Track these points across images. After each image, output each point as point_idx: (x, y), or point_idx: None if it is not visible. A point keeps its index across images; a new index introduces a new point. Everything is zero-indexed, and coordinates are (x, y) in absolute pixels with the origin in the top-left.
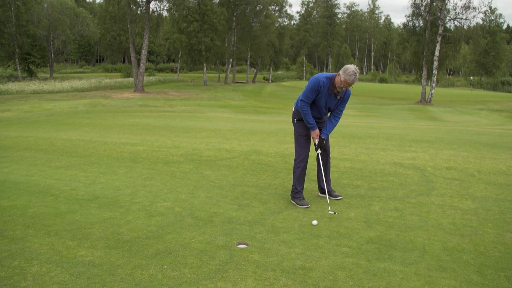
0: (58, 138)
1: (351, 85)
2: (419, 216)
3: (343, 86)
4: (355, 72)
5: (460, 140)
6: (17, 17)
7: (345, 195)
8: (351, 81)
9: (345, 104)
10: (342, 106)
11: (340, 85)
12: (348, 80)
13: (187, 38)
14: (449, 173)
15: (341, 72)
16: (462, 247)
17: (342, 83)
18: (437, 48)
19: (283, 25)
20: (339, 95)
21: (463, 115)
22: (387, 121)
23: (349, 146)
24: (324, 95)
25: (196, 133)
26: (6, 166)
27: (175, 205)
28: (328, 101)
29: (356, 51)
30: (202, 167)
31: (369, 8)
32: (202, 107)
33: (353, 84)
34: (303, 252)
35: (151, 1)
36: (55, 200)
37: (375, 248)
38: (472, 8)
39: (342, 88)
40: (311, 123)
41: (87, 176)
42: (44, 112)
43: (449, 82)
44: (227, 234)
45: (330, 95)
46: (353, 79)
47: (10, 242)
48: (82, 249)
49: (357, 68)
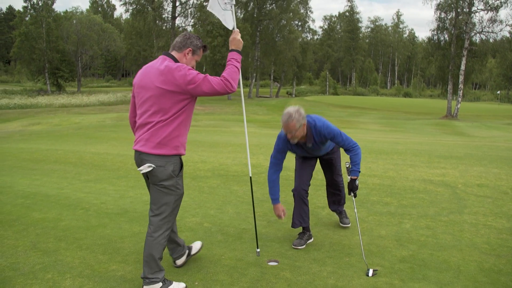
0: (87, 151)
1: (289, 128)
2: (452, 235)
3: (288, 133)
4: (289, 112)
5: (490, 156)
6: (48, 33)
7: (374, 213)
8: (283, 123)
9: (341, 139)
10: (341, 142)
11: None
12: (282, 124)
13: (211, 53)
14: (480, 190)
15: None
16: (499, 268)
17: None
18: (463, 62)
19: (306, 40)
20: (309, 143)
21: (491, 130)
22: (413, 136)
23: (376, 162)
24: (297, 148)
25: (222, 147)
26: (37, 179)
27: (204, 221)
28: (303, 151)
29: (380, 65)
30: (229, 182)
31: (393, 22)
32: (227, 121)
33: (290, 126)
34: (335, 270)
35: (177, 17)
36: (86, 214)
37: (408, 268)
38: (499, 21)
39: (293, 138)
40: (273, 195)
41: (116, 190)
42: (72, 126)
43: (475, 96)
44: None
45: (298, 145)
46: (285, 119)
47: (43, 255)
48: (113, 264)
49: (296, 108)
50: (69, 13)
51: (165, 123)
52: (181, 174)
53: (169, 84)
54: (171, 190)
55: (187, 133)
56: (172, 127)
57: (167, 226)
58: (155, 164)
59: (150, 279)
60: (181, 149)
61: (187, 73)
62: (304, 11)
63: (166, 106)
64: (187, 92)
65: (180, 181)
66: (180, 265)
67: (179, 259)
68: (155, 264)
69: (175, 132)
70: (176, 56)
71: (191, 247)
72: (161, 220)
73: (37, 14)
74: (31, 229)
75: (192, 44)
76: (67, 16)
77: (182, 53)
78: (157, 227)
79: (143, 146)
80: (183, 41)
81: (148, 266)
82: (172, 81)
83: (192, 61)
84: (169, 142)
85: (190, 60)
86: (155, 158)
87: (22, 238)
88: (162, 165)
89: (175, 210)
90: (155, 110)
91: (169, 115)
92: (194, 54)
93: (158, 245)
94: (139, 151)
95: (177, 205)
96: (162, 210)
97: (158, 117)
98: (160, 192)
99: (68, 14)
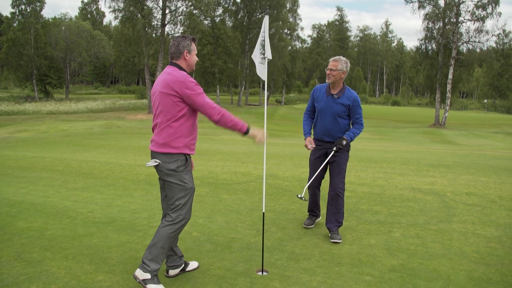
0: (74, 159)
1: (332, 64)
2: (441, 244)
3: (328, 70)
4: (340, 56)
5: (478, 165)
6: (36, 39)
7: (364, 221)
8: (331, 59)
9: (360, 111)
10: (357, 113)
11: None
12: (330, 60)
13: (201, 60)
14: (469, 199)
15: None
16: (488, 277)
17: (328, 67)
18: (451, 71)
19: (295, 48)
20: (336, 95)
21: (479, 139)
22: (402, 144)
23: (365, 170)
24: (321, 98)
25: (211, 155)
26: (23, 187)
27: (193, 230)
28: (328, 105)
29: (369, 73)
30: (218, 190)
31: (382, 32)
32: (216, 129)
33: (335, 63)
34: (325, 280)
35: (166, 24)
36: (72, 223)
37: (398, 277)
38: (485, 31)
39: (329, 76)
40: (304, 131)
41: (104, 198)
42: (60, 133)
43: (462, 105)
44: (246, 260)
45: (328, 97)
46: (334, 57)
47: (28, 265)
48: (100, 274)
49: (346, 59)
50: (58, 20)
51: (166, 125)
52: (188, 170)
53: (167, 88)
54: (178, 184)
55: (192, 135)
56: (173, 129)
57: (180, 218)
58: (160, 160)
59: (145, 264)
60: (184, 149)
61: (186, 80)
62: (293, 19)
63: (166, 108)
64: (183, 96)
65: (187, 176)
66: (172, 275)
67: (173, 270)
68: (155, 251)
69: (177, 134)
70: (178, 63)
71: (188, 264)
72: (174, 212)
73: (25, 20)
74: (16, 238)
75: (184, 47)
76: (56, 23)
77: (181, 58)
78: (170, 220)
79: (152, 145)
80: (177, 49)
81: (149, 250)
82: (170, 86)
83: (193, 57)
84: (171, 143)
85: (190, 58)
86: (160, 155)
87: (6, 248)
88: (166, 161)
89: (187, 204)
90: (159, 113)
91: (169, 117)
92: (191, 51)
93: (164, 232)
94: (151, 150)
95: (188, 199)
96: (176, 204)
97: (161, 118)
98: (170, 187)
99: (56, 21)
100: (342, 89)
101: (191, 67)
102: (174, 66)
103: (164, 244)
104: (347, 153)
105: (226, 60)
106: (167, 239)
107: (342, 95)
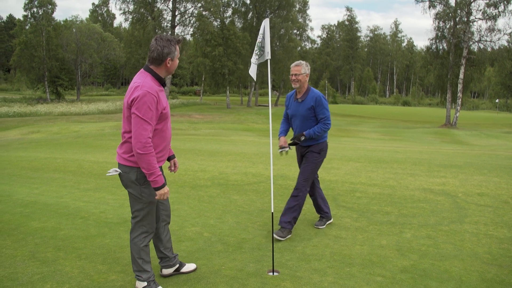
0: (86, 160)
1: (295, 69)
2: (453, 245)
3: (293, 75)
4: (300, 61)
5: (490, 165)
6: (48, 41)
7: (375, 222)
8: (293, 65)
9: (324, 111)
10: (321, 113)
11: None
12: (292, 66)
13: (211, 62)
14: (481, 199)
15: None
16: (501, 279)
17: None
18: (462, 71)
19: (305, 49)
20: (300, 99)
21: (490, 139)
22: (413, 145)
23: (376, 171)
24: (291, 104)
25: (222, 156)
26: (36, 187)
27: (204, 230)
28: (296, 109)
29: (379, 74)
30: (229, 191)
31: (392, 32)
32: (226, 130)
33: (297, 68)
34: (336, 281)
35: (176, 26)
36: (85, 223)
37: (409, 278)
38: (497, 30)
39: (295, 81)
40: (279, 132)
41: (115, 199)
42: (72, 134)
43: (474, 104)
44: (257, 261)
45: (295, 102)
46: (295, 63)
47: (42, 265)
48: (112, 274)
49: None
50: (69, 22)
51: (127, 139)
52: (147, 184)
53: (127, 99)
54: (137, 197)
55: (157, 148)
56: (130, 144)
57: (143, 230)
58: (121, 170)
59: (136, 275)
60: None
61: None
62: (303, 20)
63: (128, 120)
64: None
65: (147, 190)
66: (165, 275)
67: (166, 269)
68: (137, 263)
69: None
70: (157, 71)
71: (183, 265)
72: (136, 223)
73: (37, 23)
74: (29, 238)
75: (168, 53)
76: (67, 25)
77: (162, 65)
78: (133, 229)
79: (116, 155)
80: (160, 55)
81: (133, 264)
82: (130, 99)
83: (175, 62)
84: (131, 157)
85: (172, 65)
86: (121, 166)
87: (20, 248)
88: (127, 171)
89: (147, 217)
90: (123, 121)
91: (129, 130)
92: (174, 58)
93: (134, 246)
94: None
95: (147, 212)
96: (135, 215)
97: (124, 128)
98: (130, 198)
99: (68, 23)
100: (306, 92)
101: (170, 73)
102: (149, 72)
103: (141, 255)
104: (317, 155)
105: (236, 61)
106: (141, 250)
107: (306, 98)
